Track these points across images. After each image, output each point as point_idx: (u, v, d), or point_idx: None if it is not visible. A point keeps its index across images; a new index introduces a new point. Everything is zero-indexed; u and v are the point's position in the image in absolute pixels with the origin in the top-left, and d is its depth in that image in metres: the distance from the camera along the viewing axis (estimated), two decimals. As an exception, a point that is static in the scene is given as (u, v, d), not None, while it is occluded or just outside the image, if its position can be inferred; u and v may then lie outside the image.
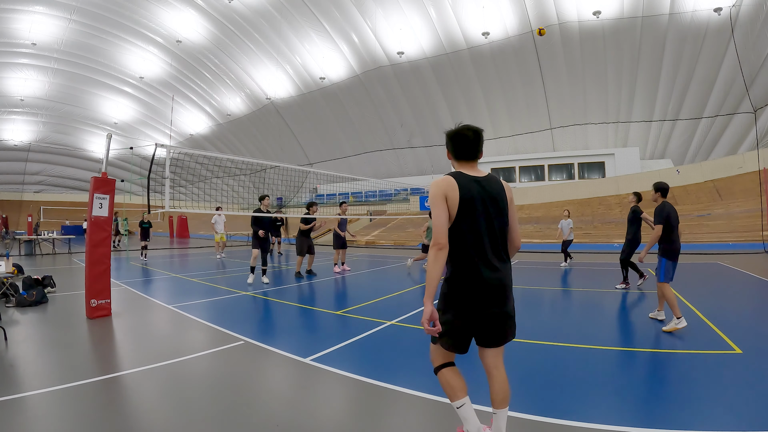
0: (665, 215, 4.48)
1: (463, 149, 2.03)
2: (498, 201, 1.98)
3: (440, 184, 1.94)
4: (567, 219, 10.89)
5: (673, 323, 4.26)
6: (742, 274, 8.44)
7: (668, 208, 4.52)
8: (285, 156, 34.74)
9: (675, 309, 4.28)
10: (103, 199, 5.51)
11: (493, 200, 1.96)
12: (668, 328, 4.29)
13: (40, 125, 36.70)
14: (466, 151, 2.03)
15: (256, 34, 26.37)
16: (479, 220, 1.92)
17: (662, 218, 4.47)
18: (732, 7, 17.44)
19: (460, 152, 2.04)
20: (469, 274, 1.92)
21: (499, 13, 20.76)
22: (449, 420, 2.54)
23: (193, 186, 37.27)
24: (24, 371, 3.44)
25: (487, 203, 1.95)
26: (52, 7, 24.51)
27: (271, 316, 5.72)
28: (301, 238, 9.22)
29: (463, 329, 1.95)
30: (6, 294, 6.28)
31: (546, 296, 6.81)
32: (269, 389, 3.17)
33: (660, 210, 4.55)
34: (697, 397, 2.79)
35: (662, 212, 4.51)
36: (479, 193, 1.94)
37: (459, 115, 26.96)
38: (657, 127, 23.47)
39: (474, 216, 1.91)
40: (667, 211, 4.51)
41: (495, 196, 1.97)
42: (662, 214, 4.50)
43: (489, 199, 1.95)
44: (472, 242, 1.92)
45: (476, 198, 1.93)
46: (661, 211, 4.52)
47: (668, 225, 4.47)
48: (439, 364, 2.09)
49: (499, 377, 2.03)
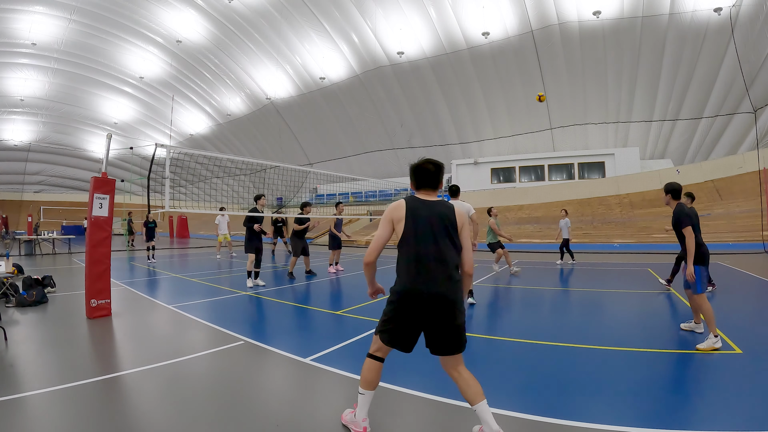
0: (688, 218, 4.01)
1: (423, 180, 2.29)
2: (444, 222, 2.18)
3: (390, 208, 2.24)
4: (565, 218, 10.97)
5: (711, 341, 3.72)
6: (742, 274, 8.44)
7: (687, 210, 4.10)
8: (285, 156, 34.74)
9: (712, 325, 3.78)
10: (103, 199, 5.51)
11: (439, 221, 2.17)
12: (705, 347, 3.71)
13: (40, 125, 36.70)
14: (425, 181, 2.29)
15: (256, 34, 26.37)
16: (423, 238, 2.14)
17: (689, 219, 4.00)
18: (732, 7, 17.44)
19: (420, 182, 2.30)
20: (408, 284, 2.14)
21: (499, 13, 20.76)
22: (449, 420, 2.54)
23: (193, 186, 37.28)
24: (24, 371, 3.44)
25: (433, 224, 2.16)
26: (52, 7, 24.51)
27: (270, 316, 5.72)
28: (295, 239, 9.13)
29: (402, 331, 2.18)
30: (6, 294, 6.27)
31: (546, 296, 6.81)
32: (269, 389, 3.17)
33: (680, 212, 4.06)
34: (697, 397, 2.79)
35: (682, 214, 4.04)
36: (427, 214, 2.18)
37: (459, 115, 26.99)
38: (657, 127, 23.47)
39: (418, 234, 2.15)
40: (687, 213, 4.05)
41: (442, 218, 2.19)
42: (684, 215, 4.02)
43: (436, 220, 2.17)
44: (414, 257, 2.15)
45: (423, 218, 2.17)
46: (683, 212, 4.05)
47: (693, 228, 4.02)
48: (371, 352, 2.35)
49: (460, 380, 2.17)
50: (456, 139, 28.41)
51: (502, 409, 2.61)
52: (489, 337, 4.34)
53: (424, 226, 2.17)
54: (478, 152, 28.01)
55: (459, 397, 2.78)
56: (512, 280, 8.57)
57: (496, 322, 5.26)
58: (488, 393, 2.91)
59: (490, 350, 3.97)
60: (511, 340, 4.24)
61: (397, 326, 2.20)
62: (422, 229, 2.17)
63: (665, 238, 15.09)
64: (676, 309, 5.42)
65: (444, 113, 27.20)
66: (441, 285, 2.12)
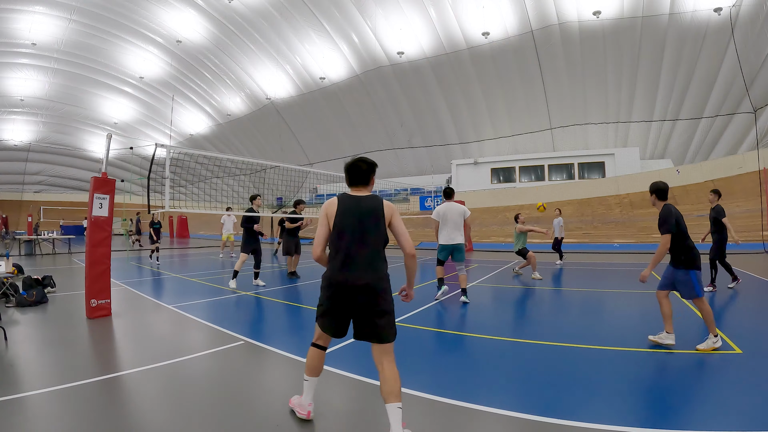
0: (674, 220, 3.78)
1: (354, 178, 2.45)
2: (372, 215, 2.34)
3: (324, 205, 2.42)
4: (558, 217, 11.04)
5: (710, 342, 3.72)
6: (742, 274, 8.43)
7: (675, 211, 3.84)
8: (285, 156, 34.72)
9: (712, 326, 3.75)
10: (103, 199, 5.51)
11: (368, 214, 2.33)
12: (704, 347, 3.71)
13: (40, 125, 36.67)
14: (356, 179, 2.45)
15: (256, 34, 26.35)
16: (352, 230, 2.30)
17: (671, 225, 3.76)
18: (732, 7, 17.43)
19: (352, 180, 2.46)
20: (335, 273, 2.30)
21: (499, 13, 20.74)
22: (449, 420, 2.54)
23: (193, 186, 37.27)
24: (24, 371, 3.44)
25: (362, 217, 2.32)
26: (52, 7, 24.49)
27: (270, 316, 5.73)
28: (288, 237, 9.03)
29: (331, 317, 2.33)
30: (6, 294, 6.27)
31: (546, 296, 6.81)
32: (269, 389, 3.17)
33: (666, 215, 3.80)
34: (697, 397, 2.79)
35: (669, 218, 3.78)
36: (356, 209, 2.34)
37: (459, 115, 26.97)
38: (657, 127, 23.45)
39: (347, 226, 2.31)
40: (674, 215, 3.80)
41: (370, 212, 2.34)
42: (669, 219, 3.77)
43: (365, 213, 2.33)
44: (343, 247, 2.30)
45: (352, 212, 2.33)
46: (668, 217, 3.79)
47: (680, 231, 3.81)
48: (313, 341, 2.52)
49: (381, 373, 2.22)
50: (456, 139, 28.40)
51: (503, 409, 2.61)
52: (489, 337, 4.34)
53: (352, 220, 2.33)
54: (478, 152, 28.00)
55: (459, 397, 2.78)
56: (513, 280, 8.57)
57: (496, 322, 5.26)
58: (489, 393, 2.91)
59: (490, 350, 3.97)
60: (511, 340, 4.24)
61: (327, 312, 2.35)
62: (350, 222, 2.33)
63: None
64: (676, 309, 5.41)
65: (444, 113, 27.19)
66: (365, 274, 2.27)
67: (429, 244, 18.58)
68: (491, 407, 2.65)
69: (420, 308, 5.73)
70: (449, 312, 5.72)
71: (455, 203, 6.23)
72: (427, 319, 5.20)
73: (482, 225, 21.61)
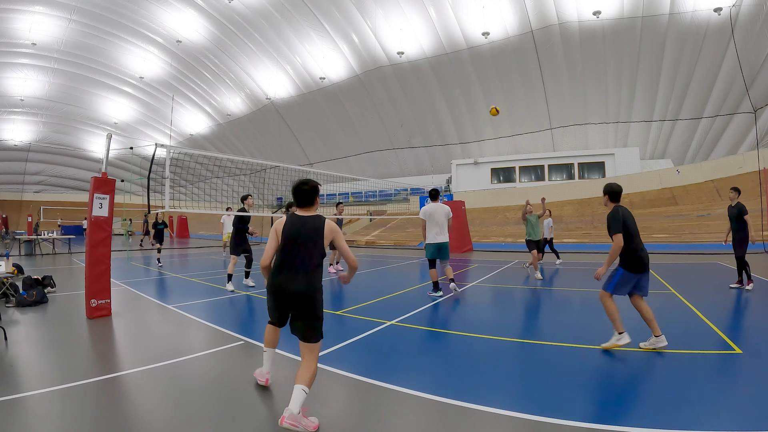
0: (621, 221, 3.84)
1: (299, 199, 2.75)
2: (314, 234, 2.67)
3: (276, 222, 2.80)
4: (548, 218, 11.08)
5: (614, 339, 3.76)
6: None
7: (623, 212, 3.90)
8: (285, 156, 34.72)
9: (616, 323, 3.79)
10: (103, 199, 5.51)
11: (309, 233, 2.67)
12: (607, 345, 3.77)
13: (40, 125, 36.67)
14: (301, 200, 2.76)
15: (256, 34, 26.35)
16: (292, 246, 2.66)
17: (619, 226, 3.82)
18: (732, 7, 17.43)
19: (297, 201, 2.77)
20: (276, 279, 2.66)
21: (499, 13, 20.75)
22: (450, 420, 2.54)
23: (193, 186, 37.27)
24: (24, 371, 3.44)
25: (305, 235, 2.67)
26: (52, 7, 24.49)
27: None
28: None
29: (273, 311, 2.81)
30: (6, 294, 6.28)
31: (546, 296, 6.81)
32: (269, 389, 3.17)
33: (614, 216, 3.87)
34: (698, 397, 2.79)
35: (617, 218, 3.84)
36: (299, 227, 2.69)
37: (459, 115, 26.97)
38: (657, 127, 23.45)
39: (288, 242, 2.67)
40: (622, 216, 3.86)
41: (313, 230, 2.68)
42: (617, 220, 3.83)
43: (308, 231, 2.68)
44: (284, 259, 2.66)
45: (295, 230, 2.68)
46: (615, 217, 3.85)
47: (626, 232, 3.85)
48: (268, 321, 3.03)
49: (303, 363, 2.57)
50: (456, 139, 28.40)
51: (503, 409, 2.61)
52: (489, 337, 4.34)
53: (294, 237, 2.67)
54: (478, 152, 28.00)
55: (459, 397, 2.78)
56: (513, 280, 8.56)
57: (496, 322, 5.26)
58: (489, 393, 2.91)
59: (490, 350, 3.97)
60: (511, 340, 4.24)
61: (271, 308, 2.81)
62: (292, 238, 2.66)
63: (665, 238, 15.10)
64: (675, 309, 5.42)
65: (444, 113, 27.19)
66: (300, 284, 2.60)
67: (429, 244, 18.54)
68: (491, 407, 2.65)
69: (420, 308, 5.74)
70: (449, 312, 5.72)
71: (441, 204, 6.58)
72: (427, 319, 5.20)
73: (482, 225, 21.60)
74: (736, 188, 6.82)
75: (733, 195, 6.77)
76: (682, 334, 4.23)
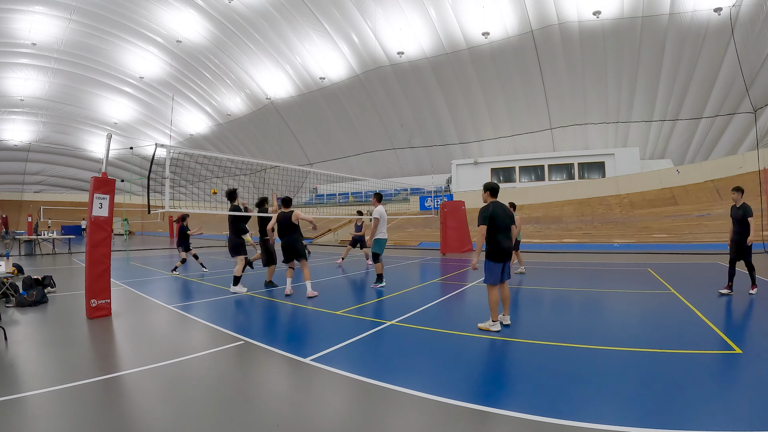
0: (489, 215, 4.42)
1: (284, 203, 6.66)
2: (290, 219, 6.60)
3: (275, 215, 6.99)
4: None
5: (488, 323, 4.49)
6: (743, 274, 8.42)
7: (493, 207, 4.46)
8: (285, 156, 34.72)
9: (493, 312, 4.44)
10: (103, 199, 5.51)
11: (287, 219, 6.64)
12: (483, 325, 4.53)
13: (40, 125, 36.66)
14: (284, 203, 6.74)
15: (256, 34, 26.35)
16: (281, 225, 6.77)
17: (485, 218, 4.43)
18: (732, 7, 17.42)
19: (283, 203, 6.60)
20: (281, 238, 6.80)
21: (499, 13, 20.74)
22: (449, 420, 2.54)
23: (193, 186, 37.27)
24: (24, 371, 3.44)
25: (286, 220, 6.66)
26: (52, 7, 24.48)
27: (271, 316, 5.72)
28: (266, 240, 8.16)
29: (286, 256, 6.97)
30: (6, 294, 6.28)
31: (546, 296, 6.81)
32: (269, 389, 3.17)
33: (484, 210, 4.48)
34: (698, 397, 2.79)
35: (485, 212, 4.45)
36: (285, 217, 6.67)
37: (459, 115, 26.96)
38: (657, 127, 23.44)
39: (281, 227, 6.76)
40: (491, 210, 4.44)
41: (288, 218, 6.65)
42: (485, 213, 4.44)
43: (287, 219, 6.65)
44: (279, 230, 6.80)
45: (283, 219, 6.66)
46: (485, 211, 4.45)
47: (492, 225, 4.41)
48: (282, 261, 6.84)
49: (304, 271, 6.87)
50: (456, 139, 28.40)
51: (504, 409, 2.61)
52: (489, 337, 4.34)
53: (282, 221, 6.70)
54: (478, 152, 27.99)
55: (459, 397, 2.78)
56: (512, 280, 8.56)
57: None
58: (489, 392, 2.91)
59: (489, 350, 3.97)
60: (511, 340, 4.24)
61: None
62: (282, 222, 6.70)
63: (665, 238, 15.10)
64: (675, 309, 5.42)
65: (444, 113, 27.18)
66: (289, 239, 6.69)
67: (430, 243, 18.58)
68: (491, 407, 2.66)
69: (420, 308, 5.74)
70: (448, 312, 5.73)
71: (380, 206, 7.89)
72: (426, 320, 5.20)
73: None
74: (740, 188, 6.42)
75: (737, 196, 6.32)
76: (682, 334, 4.23)
